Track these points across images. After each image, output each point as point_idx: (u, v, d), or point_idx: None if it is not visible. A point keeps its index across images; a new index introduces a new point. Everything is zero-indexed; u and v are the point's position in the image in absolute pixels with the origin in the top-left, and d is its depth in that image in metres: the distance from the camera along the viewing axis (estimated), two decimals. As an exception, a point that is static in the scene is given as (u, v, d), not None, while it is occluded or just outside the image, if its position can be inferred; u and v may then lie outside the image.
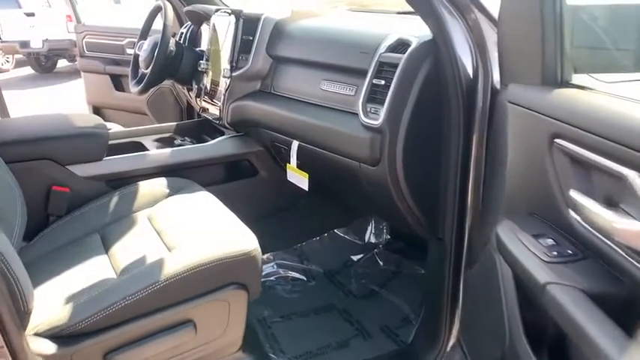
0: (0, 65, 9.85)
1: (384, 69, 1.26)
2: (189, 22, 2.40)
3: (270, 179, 1.86)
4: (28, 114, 1.81)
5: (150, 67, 2.08)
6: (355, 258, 1.97)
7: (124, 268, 1.24)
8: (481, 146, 1.17)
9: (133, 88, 2.20)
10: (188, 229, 1.34)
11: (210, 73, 1.92)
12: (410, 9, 1.99)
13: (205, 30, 2.35)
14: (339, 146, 1.39)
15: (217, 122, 1.86)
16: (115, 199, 1.54)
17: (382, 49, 1.28)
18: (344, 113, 1.39)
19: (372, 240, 2.01)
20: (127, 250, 1.32)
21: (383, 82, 1.24)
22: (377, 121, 1.24)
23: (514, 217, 0.94)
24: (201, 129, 2.04)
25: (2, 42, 9.24)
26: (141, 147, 1.91)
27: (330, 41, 1.50)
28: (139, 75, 2.24)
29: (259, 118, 1.70)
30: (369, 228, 2.03)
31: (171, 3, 2.22)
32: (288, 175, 1.66)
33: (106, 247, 1.36)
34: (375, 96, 1.27)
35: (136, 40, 2.24)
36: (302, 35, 1.61)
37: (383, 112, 1.23)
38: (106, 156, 1.62)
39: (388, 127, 1.23)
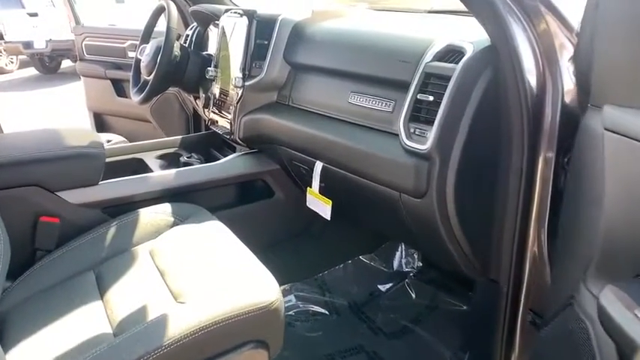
0: (4, 66, 9.72)
1: (431, 82, 1.04)
2: (195, 24, 2.20)
3: (287, 201, 1.65)
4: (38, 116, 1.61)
5: (152, 74, 1.88)
6: (383, 288, 1.75)
7: (121, 322, 1.03)
8: (548, 176, 0.97)
9: (135, 97, 2.00)
10: (196, 271, 1.13)
11: (220, 82, 1.71)
12: (443, 7, 1.79)
13: (213, 32, 2.15)
14: (374, 172, 1.18)
15: (228, 137, 1.65)
16: (112, 230, 1.34)
17: (428, 57, 1.07)
18: (379, 133, 1.17)
19: (402, 268, 1.79)
20: (126, 296, 1.11)
21: (431, 97, 1.03)
22: (424, 146, 1.02)
23: (619, 283, 0.73)
24: (209, 143, 1.83)
25: (5, 42, 9.10)
26: (142, 165, 1.70)
27: (360, 47, 1.28)
28: (141, 82, 2.04)
29: (276, 134, 1.48)
30: (398, 254, 1.81)
31: (175, 3, 2.01)
32: (307, 201, 1.45)
33: (101, 291, 1.15)
34: (419, 114, 1.06)
35: (138, 42, 2.04)
36: (326, 39, 1.40)
37: (432, 134, 1.01)
38: (103, 178, 1.42)
39: (438, 154, 1.01)
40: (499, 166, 1.04)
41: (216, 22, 2.03)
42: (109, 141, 2.24)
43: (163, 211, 1.37)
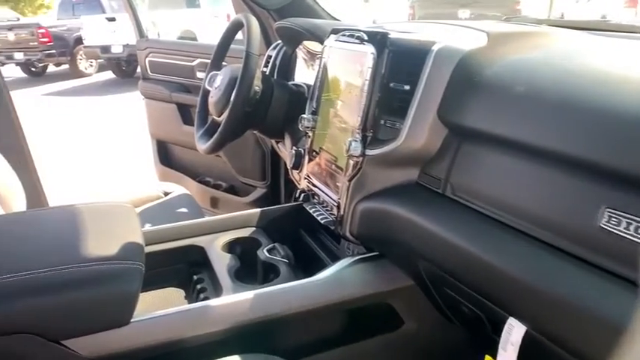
0: (83, 70, 9.83)
1: None
2: (279, 41, 1.64)
3: (420, 333, 1.04)
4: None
5: (224, 115, 1.34)
6: None
7: None
8: None
9: (200, 143, 1.47)
10: None
11: (320, 139, 1.13)
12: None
13: (303, 55, 1.58)
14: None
15: (331, 228, 1.05)
16: None
17: None
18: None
19: None
20: None
21: None
22: None
23: None
24: (299, 221, 1.26)
25: (85, 47, 9.15)
26: (200, 256, 1.15)
27: (626, 117, 0.64)
28: (209, 123, 1.50)
29: (417, 244, 0.87)
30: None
31: (256, 16, 1.46)
32: None
33: None
34: None
35: (208, 62, 1.52)
36: (534, 90, 0.76)
37: None
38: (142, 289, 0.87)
39: None
40: None
41: (308, 40, 1.47)
42: (166, 193, 1.72)
43: None
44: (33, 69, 9.94)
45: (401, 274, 1.00)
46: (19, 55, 9.30)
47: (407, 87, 0.90)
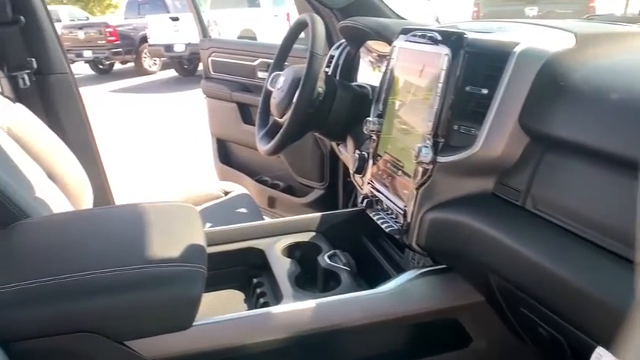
0: (148, 67, 10.17)
1: None
2: (342, 41, 1.61)
3: (490, 352, 0.98)
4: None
5: (286, 117, 1.33)
6: None
7: None
8: None
9: (261, 144, 1.46)
10: None
11: (386, 143, 1.09)
12: None
13: (366, 55, 1.54)
14: None
15: (397, 237, 1.01)
16: None
17: None
18: None
19: None
20: None
21: None
22: None
23: None
24: (361, 227, 1.22)
25: (149, 45, 9.47)
26: (259, 259, 1.13)
27: None
28: (270, 124, 1.49)
29: (490, 258, 0.82)
30: None
31: (319, 15, 1.43)
32: None
33: None
34: None
35: (269, 61, 1.51)
36: (628, 97, 0.69)
37: None
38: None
39: None
40: None
41: (373, 39, 1.42)
42: (226, 193, 1.73)
43: None
44: (100, 66, 10.39)
45: (470, 289, 0.94)
46: (87, 53, 9.75)
47: (485, 91, 0.84)
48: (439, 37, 0.92)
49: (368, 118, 1.13)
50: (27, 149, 1.32)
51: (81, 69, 10.27)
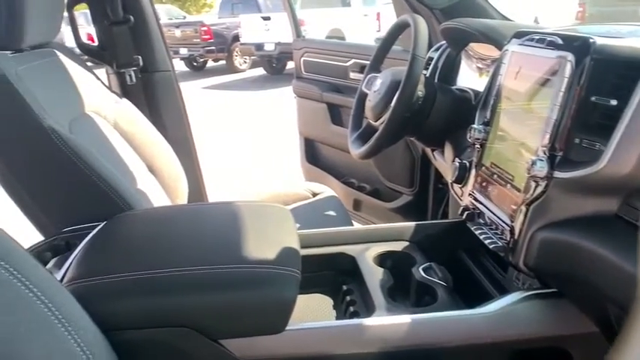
0: (238, 65, 10.51)
1: None
2: (442, 42, 1.55)
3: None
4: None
5: (382, 120, 1.29)
6: None
7: None
8: None
9: (353, 148, 1.44)
10: None
11: (492, 153, 1.02)
12: None
13: (469, 59, 1.46)
14: None
15: (501, 254, 0.94)
16: None
17: None
18: None
19: None
20: None
21: None
22: None
23: None
24: (458, 240, 1.15)
25: (241, 44, 9.78)
26: (351, 265, 1.10)
27: None
28: (363, 127, 1.46)
29: (610, 287, 0.73)
30: None
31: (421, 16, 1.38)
32: None
33: None
34: None
35: (363, 63, 1.47)
36: None
37: None
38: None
39: None
40: None
41: (478, 42, 1.35)
42: (314, 194, 1.72)
43: None
44: (194, 64, 10.88)
45: (583, 318, 0.86)
46: (183, 51, 10.24)
47: (614, 102, 0.76)
48: (561, 42, 0.84)
49: (473, 125, 1.06)
50: (131, 143, 1.39)
51: (177, 66, 10.79)
